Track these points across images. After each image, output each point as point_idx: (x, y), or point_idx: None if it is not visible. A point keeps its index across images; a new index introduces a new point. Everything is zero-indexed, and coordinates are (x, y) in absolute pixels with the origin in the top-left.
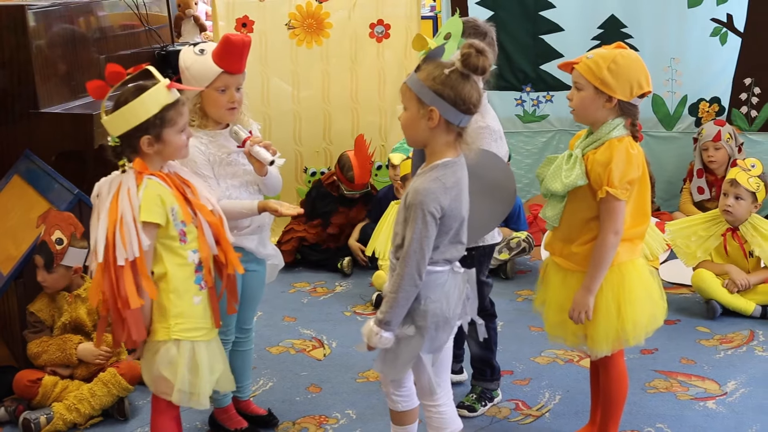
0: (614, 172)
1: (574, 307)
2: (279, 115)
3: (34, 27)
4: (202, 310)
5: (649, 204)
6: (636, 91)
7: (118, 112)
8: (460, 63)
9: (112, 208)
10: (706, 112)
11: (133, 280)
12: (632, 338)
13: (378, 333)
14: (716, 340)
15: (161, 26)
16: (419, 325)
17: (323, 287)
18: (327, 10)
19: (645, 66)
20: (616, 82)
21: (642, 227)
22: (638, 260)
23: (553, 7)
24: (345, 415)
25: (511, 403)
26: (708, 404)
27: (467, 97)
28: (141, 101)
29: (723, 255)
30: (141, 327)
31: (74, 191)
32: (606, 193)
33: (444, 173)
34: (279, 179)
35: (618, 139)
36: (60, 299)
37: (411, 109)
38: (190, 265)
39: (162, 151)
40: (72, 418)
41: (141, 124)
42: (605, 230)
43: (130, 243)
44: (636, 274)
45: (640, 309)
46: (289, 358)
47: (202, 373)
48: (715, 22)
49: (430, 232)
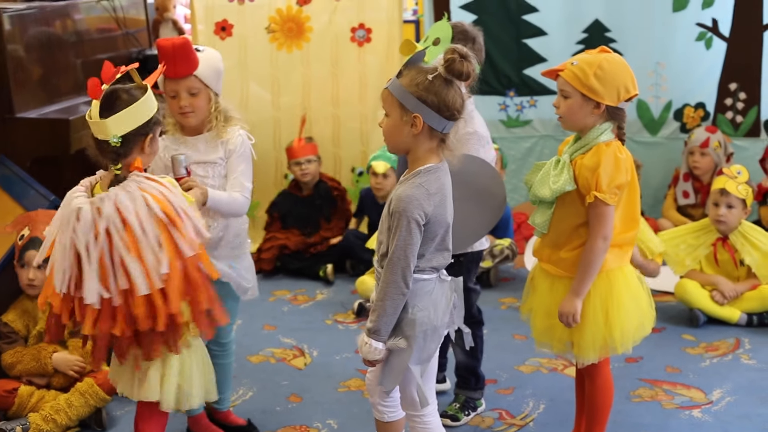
0: (602, 177)
1: (561, 312)
2: (258, 120)
3: (10, 30)
4: None
5: (638, 209)
6: (623, 95)
7: (128, 110)
8: (443, 68)
9: (165, 207)
10: (691, 118)
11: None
12: (620, 346)
13: (368, 343)
14: (702, 348)
15: (139, 30)
16: (408, 334)
17: (304, 295)
18: (308, 13)
19: (630, 69)
20: (604, 88)
21: (632, 233)
22: (626, 267)
23: (537, 11)
24: (326, 425)
25: (494, 412)
26: (693, 413)
27: (451, 103)
28: (147, 99)
29: (713, 264)
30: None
31: (50, 198)
32: (594, 198)
33: (427, 179)
34: (230, 204)
35: (606, 143)
36: (34, 309)
37: (393, 115)
38: None
39: (153, 152)
40: (48, 428)
41: (148, 121)
42: (594, 235)
43: (198, 228)
44: (624, 281)
45: (627, 317)
46: (270, 367)
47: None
48: (700, 26)
49: (415, 239)
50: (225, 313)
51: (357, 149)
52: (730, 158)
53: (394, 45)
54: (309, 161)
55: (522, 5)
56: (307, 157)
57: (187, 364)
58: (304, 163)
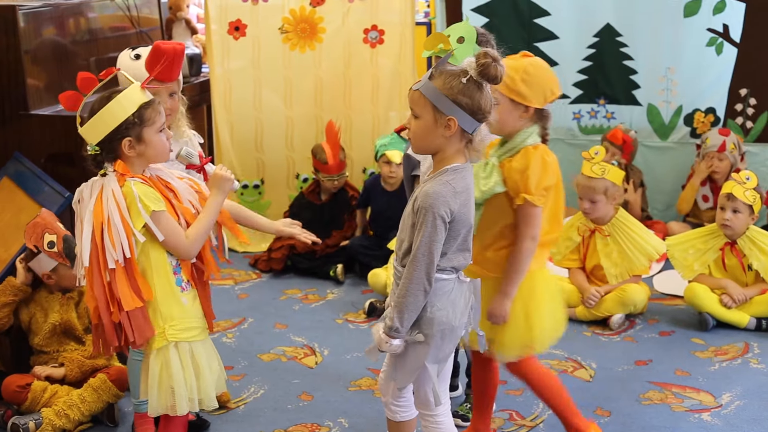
0: (531, 179)
1: (492, 313)
2: (271, 120)
3: (25, 28)
4: (192, 309)
5: (562, 211)
6: (549, 97)
7: (95, 117)
8: (476, 72)
9: (96, 211)
10: (702, 123)
11: (128, 281)
12: (539, 345)
13: (387, 340)
14: (711, 351)
15: (152, 29)
16: (425, 333)
17: (315, 294)
18: (321, 14)
19: (553, 72)
20: (531, 91)
21: (555, 234)
22: (546, 269)
23: (548, 14)
24: (337, 423)
25: (504, 413)
26: (703, 416)
27: (483, 106)
28: (117, 102)
29: (721, 269)
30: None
31: (65, 194)
32: (523, 200)
33: (454, 177)
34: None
35: (533, 146)
36: (52, 300)
37: (426, 117)
38: (170, 267)
39: (144, 152)
40: (61, 423)
41: (120, 126)
42: (523, 236)
43: (119, 244)
44: (544, 282)
45: (547, 317)
46: (281, 365)
47: (204, 374)
48: (711, 32)
49: (440, 235)
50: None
51: (369, 150)
52: (743, 158)
53: (406, 47)
54: (341, 176)
55: (534, 9)
56: (341, 173)
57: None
58: (337, 179)
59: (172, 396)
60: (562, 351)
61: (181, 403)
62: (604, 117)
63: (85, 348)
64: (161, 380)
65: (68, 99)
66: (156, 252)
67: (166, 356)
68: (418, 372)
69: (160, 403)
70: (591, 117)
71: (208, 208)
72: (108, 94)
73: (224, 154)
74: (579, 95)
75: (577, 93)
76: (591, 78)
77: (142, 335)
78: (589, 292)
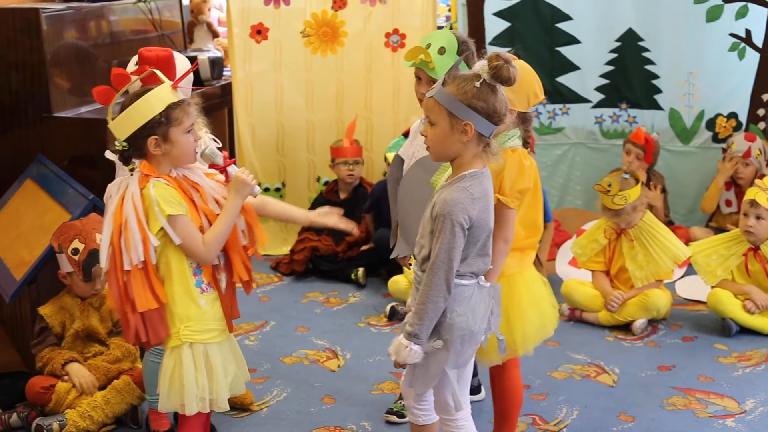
0: (506, 181)
1: None
2: (292, 123)
3: (48, 30)
4: (211, 311)
5: (541, 217)
6: (533, 101)
7: (124, 113)
8: (488, 75)
9: (116, 213)
10: (724, 128)
11: (145, 283)
12: (521, 348)
13: (407, 346)
14: (734, 357)
15: (174, 32)
16: (445, 338)
17: (336, 297)
18: (342, 18)
19: (536, 75)
20: (515, 95)
21: (534, 239)
22: (528, 272)
23: (570, 19)
24: (360, 427)
25: (528, 417)
26: (727, 422)
27: (499, 109)
28: (146, 100)
29: (744, 275)
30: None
31: (89, 196)
32: (497, 200)
33: (471, 183)
34: None
35: (512, 149)
36: (73, 306)
37: (442, 124)
38: (190, 269)
39: (170, 152)
40: (85, 425)
41: (147, 124)
42: (495, 238)
43: (135, 247)
44: (524, 285)
45: (528, 320)
46: (303, 368)
47: (218, 376)
48: (734, 37)
49: (458, 242)
50: None
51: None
52: None
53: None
54: (356, 162)
55: (556, 13)
56: (356, 158)
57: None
58: (352, 164)
59: (182, 394)
60: (584, 356)
61: (191, 403)
62: (626, 121)
63: (110, 351)
64: (173, 378)
65: (101, 93)
66: (175, 253)
67: (179, 356)
68: (438, 378)
69: (170, 400)
70: (613, 121)
71: (225, 212)
72: (141, 91)
73: (245, 157)
74: (601, 99)
75: (599, 97)
76: (613, 82)
77: (156, 336)
78: (611, 295)
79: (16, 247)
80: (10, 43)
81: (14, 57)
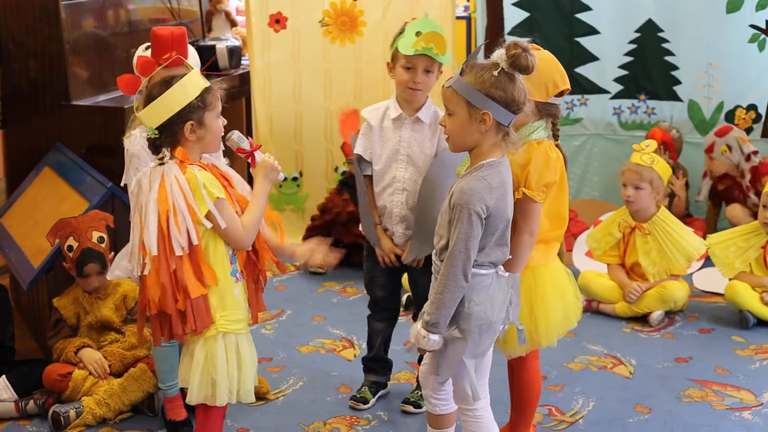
0: (532, 174)
1: None
2: (310, 112)
3: (66, 18)
4: (242, 301)
5: (566, 209)
6: (552, 90)
7: (158, 100)
8: (506, 64)
9: (161, 198)
10: (743, 119)
11: (193, 269)
12: (544, 340)
13: (426, 336)
14: (751, 350)
15: (192, 21)
16: (463, 328)
17: (353, 287)
18: (361, 8)
19: (559, 64)
20: (531, 84)
21: (560, 231)
22: (552, 263)
23: (590, 9)
24: (376, 416)
25: (544, 408)
26: (744, 414)
27: (517, 98)
28: (181, 85)
29: (762, 267)
30: (205, 315)
31: (107, 185)
32: (522, 194)
33: (489, 173)
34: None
35: (537, 141)
36: (83, 299)
37: (460, 113)
38: (227, 256)
39: (204, 137)
40: (102, 412)
41: (183, 110)
42: (520, 230)
43: (185, 230)
44: (549, 277)
45: (552, 311)
46: (319, 357)
47: (246, 367)
48: (754, 28)
49: (476, 231)
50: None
51: None
52: (750, 158)
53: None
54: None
55: (575, 3)
56: None
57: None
58: None
59: (212, 386)
60: (601, 347)
61: (222, 394)
62: (645, 113)
63: (125, 339)
64: (204, 370)
65: (127, 82)
66: (215, 241)
67: (213, 347)
68: (456, 367)
69: (200, 392)
70: (631, 112)
71: (256, 196)
72: (168, 78)
73: (263, 146)
74: (620, 90)
75: (618, 88)
76: (632, 73)
77: (202, 323)
78: (629, 287)
79: (33, 235)
80: (29, 31)
81: (33, 45)
